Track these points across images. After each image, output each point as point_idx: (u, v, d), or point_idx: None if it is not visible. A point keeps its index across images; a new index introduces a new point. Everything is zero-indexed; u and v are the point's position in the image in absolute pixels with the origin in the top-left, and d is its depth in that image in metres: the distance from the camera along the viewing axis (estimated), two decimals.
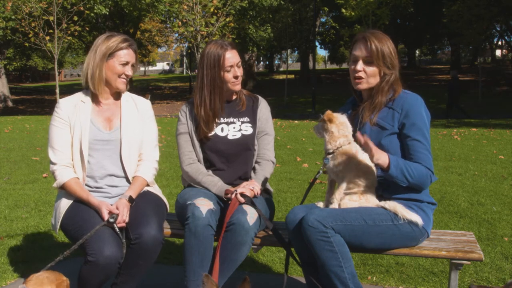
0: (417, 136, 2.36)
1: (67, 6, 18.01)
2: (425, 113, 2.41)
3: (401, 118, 2.39)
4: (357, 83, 2.50)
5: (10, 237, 4.08)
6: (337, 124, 2.42)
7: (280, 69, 59.06)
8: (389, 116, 2.42)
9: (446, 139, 10.93)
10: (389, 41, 2.46)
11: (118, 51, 2.64)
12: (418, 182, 2.35)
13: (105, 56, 2.62)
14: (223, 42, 2.75)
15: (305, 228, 2.25)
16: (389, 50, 2.44)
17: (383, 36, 2.46)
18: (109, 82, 2.68)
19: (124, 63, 2.66)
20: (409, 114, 2.37)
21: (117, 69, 2.64)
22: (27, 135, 12.86)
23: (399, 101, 2.42)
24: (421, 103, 2.42)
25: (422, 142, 2.36)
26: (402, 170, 2.29)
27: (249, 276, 1.80)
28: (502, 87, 28.51)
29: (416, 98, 2.42)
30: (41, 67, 51.63)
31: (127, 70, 2.67)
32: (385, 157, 2.28)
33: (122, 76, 2.68)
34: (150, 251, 2.41)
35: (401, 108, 2.40)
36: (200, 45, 18.18)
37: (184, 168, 2.80)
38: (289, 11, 33.02)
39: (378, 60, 2.42)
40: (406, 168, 2.30)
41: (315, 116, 2.79)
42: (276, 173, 6.82)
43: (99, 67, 2.63)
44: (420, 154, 2.36)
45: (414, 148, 2.37)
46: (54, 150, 2.63)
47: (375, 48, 2.41)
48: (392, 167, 2.28)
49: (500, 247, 3.73)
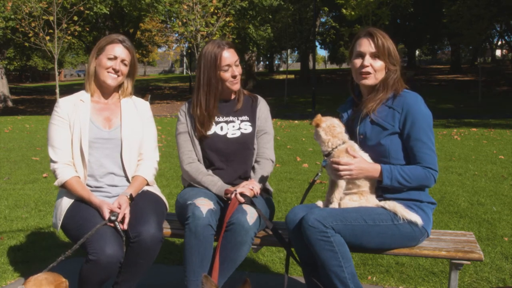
0: (419, 136, 2.36)
1: (67, 6, 18.00)
2: (426, 112, 2.41)
3: (402, 118, 2.39)
4: (363, 78, 2.49)
5: (10, 237, 4.08)
6: (324, 127, 2.46)
7: (280, 69, 59.08)
8: (389, 115, 2.42)
9: (446, 139, 10.93)
10: (390, 39, 2.49)
11: (107, 45, 2.68)
12: (418, 183, 2.37)
13: (95, 51, 2.70)
14: (221, 42, 2.75)
15: (305, 228, 2.25)
16: (393, 47, 2.48)
17: (385, 33, 2.50)
18: (99, 77, 2.71)
19: (112, 57, 2.66)
20: (410, 114, 2.38)
21: (104, 62, 2.67)
22: (27, 135, 12.86)
23: (400, 101, 2.42)
24: (421, 101, 2.42)
25: (424, 141, 2.36)
26: (397, 177, 2.34)
27: (249, 276, 1.80)
28: (502, 87, 28.50)
29: (416, 97, 2.43)
30: (41, 67, 51.68)
31: (115, 65, 2.67)
32: (373, 168, 2.36)
33: (110, 70, 2.68)
34: (150, 249, 2.41)
35: (402, 108, 2.40)
36: (200, 45, 18.17)
37: (184, 167, 2.81)
38: (289, 11, 33.01)
39: (385, 56, 2.45)
40: (402, 174, 2.34)
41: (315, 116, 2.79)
42: (276, 173, 6.82)
43: (90, 63, 2.72)
44: (422, 154, 2.36)
45: (416, 149, 2.37)
46: (54, 149, 2.64)
47: (381, 43, 2.44)
48: (384, 177, 2.34)
49: (500, 247, 3.73)
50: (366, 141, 2.47)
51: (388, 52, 2.45)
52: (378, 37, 2.45)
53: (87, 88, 2.75)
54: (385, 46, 2.45)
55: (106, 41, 2.70)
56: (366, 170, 2.35)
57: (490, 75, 31.80)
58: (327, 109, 16.30)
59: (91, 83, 2.74)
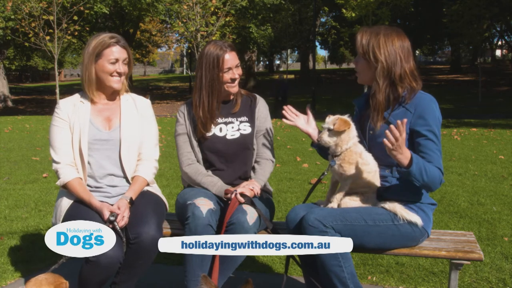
0: (430, 136, 2.33)
1: (66, 5, 17.99)
2: (438, 115, 2.38)
3: (414, 118, 2.36)
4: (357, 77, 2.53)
5: (10, 237, 4.08)
6: (351, 129, 2.42)
7: (280, 69, 59.06)
8: (401, 114, 2.38)
9: (446, 139, 10.92)
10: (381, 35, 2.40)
11: (105, 49, 2.59)
12: (431, 183, 2.29)
13: (93, 57, 2.60)
14: (223, 44, 2.75)
15: (305, 227, 2.25)
16: (380, 43, 2.39)
17: (379, 29, 2.43)
18: (103, 82, 2.66)
19: (114, 61, 2.61)
20: (423, 114, 2.34)
21: (107, 68, 2.61)
22: (27, 135, 12.86)
23: (414, 101, 2.38)
24: (435, 104, 2.39)
25: (435, 142, 2.34)
26: (421, 169, 2.23)
27: (249, 276, 1.80)
28: (502, 87, 28.51)
29: (430, 99, 2.39)
30: (41, 67, 51.69)
31: (118, 68, 2.63)
32: (408, 153, 2.22)
33: (114, 74, 2.64)
34: (149, 251, 2.41)
35: (414, 108, 2.37)
36: (200, 45, 18.17)
37: (184, 169, 2.80)
38: (290, 11, 33.03)
39: (367, 55, 2.41)
40: (425, 167, 2.24)
41: (315, 116, 2.79)
42: (276, 173, 6.82)
43: (88, 69, 2.61)
44: (433, 154, 2.32)
45: (427, 147, 2.32)
46: (56, 150, 2.63)
47: (360, 43, 2.42)
48: (413, 164, 2.21)
49: (500, 247, 3.73)
50: (375, 137, 2.45)
51: (372, 50, 2.39)
52: (361, 36, 2.43)
53: (88, 94, 2.68)
54: (364, 45, 2.41)
55: (102, 45, 2.59)
56: (405, 151, 2.20)
57: (490, 75, 31.80)
58: (327, 109, 16.28)
59: (92, 90, 2.67)
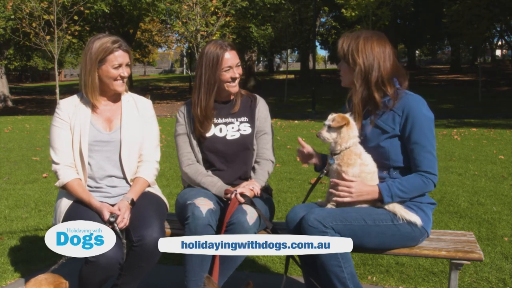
0: (418, 139, 2.34)
1: (67, 5, 17.98)
2: (427, 114, 2.38)
3: (402, 121, 2.37)
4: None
5: (10, 237, 4.08)
6: (350, 126, 2.42)
7: (280, 69, 59.04)
8: (389, 118, 2.40)
9: (446, 139, 10.92)
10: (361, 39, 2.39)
11: (109, 55, 2.57)
12: (419, 192, 2.39)
13: (96, 63, 2.57)
14: (223, 43, 2.75)
15: (305, 227, 2.26)
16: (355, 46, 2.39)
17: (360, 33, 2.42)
18: (107, 87, 2.66)
19: (117, 65, 2.60)
20: (410, 117, 2.35)
21: (112, 73, 2.60)
22: (27, 135, 12.85)
23: (401, 103, 2.38)
24: (423, 104, 2.39)
25: (423, 145, 2.34)
26: (397, 194, 2.33)
27: (249, 276, 1.80)
28: (502, 87, 28.49)
29: (418, 100, 2.40)
30: (41, 67, 51.65)
31: (122, 72, 2.63)
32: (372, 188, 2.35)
33: (118, 79, 2.64)
34: (152, 253, 2.40)
35: (402, 110, 2.37)
36: (200, 45, 18.16)
37: (183, 169, 2.80)
38: (290, 11, 33.01)
39: (346, 58, 2.43)
40: (400, 189, 2.33)
41: (315, 116, 2.79)
42: (276, 173, 6.82)
43: (91, 75, 2.59)
44: (421, 158, 2.35)
45: (415, 152, 2.36)
46: (55, 150, 2.63)
47: (341, 46, 2.44)
48: (384, 196, 2.33)
49: (500, 247, 3.73)
50: (366, 143, 2.46)
51: (351, 53, 2.39)
52: (342, 40, 2.45)
53: (91, 100, 2.66)
54: (344, 48, 2.42)
55: (104, 51, 2.56)
56: (366, 192, 2.35)
57: (490, 75, 31.79)
58: (327, 109, 16.32)
59: (96, 96, 2.65)
